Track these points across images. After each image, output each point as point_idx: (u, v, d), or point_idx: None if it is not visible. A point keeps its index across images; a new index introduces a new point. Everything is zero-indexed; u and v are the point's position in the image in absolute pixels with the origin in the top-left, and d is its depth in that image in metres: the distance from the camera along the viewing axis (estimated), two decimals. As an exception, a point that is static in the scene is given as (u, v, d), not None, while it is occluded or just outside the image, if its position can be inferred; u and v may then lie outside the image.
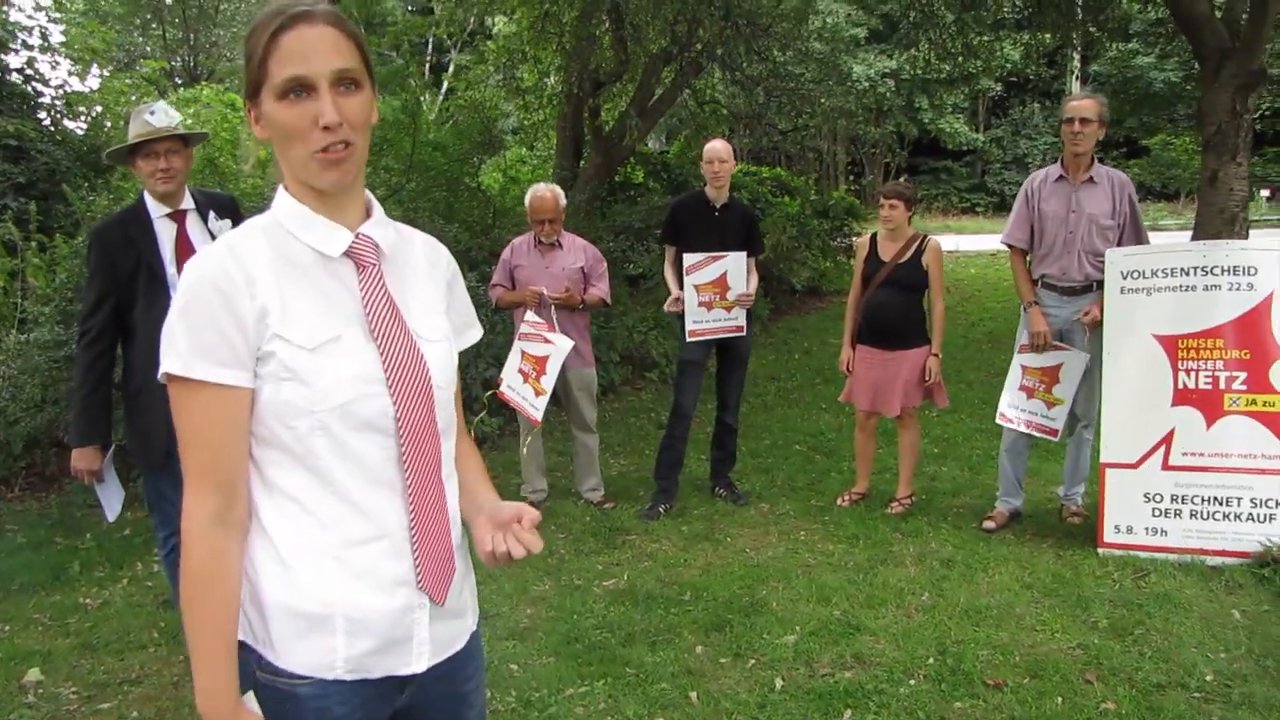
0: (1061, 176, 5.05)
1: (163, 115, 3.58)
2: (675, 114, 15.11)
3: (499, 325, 7.81)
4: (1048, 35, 14.34)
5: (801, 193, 14.96)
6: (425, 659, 1.55)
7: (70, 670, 3.95)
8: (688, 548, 5.11)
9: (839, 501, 5.72)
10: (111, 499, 3.83)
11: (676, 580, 4.64)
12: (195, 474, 1.43)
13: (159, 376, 1.43)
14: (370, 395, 1.46)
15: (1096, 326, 4.93)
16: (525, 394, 5.44)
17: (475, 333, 1.79)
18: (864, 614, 4.14)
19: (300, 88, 1.41)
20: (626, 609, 4.31)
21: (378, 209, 1.59)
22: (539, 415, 5.43)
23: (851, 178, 33.23)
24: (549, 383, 5.34)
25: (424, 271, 1.65)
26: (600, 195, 11.75)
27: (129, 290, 3.56)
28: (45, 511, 6.00)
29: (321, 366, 1.43)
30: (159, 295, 3.54)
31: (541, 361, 5.36)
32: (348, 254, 1.51)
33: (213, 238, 3.72)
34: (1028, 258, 5.23)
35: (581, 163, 12.27)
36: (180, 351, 1.39)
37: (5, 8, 11.16)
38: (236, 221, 3.85)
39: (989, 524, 5.18)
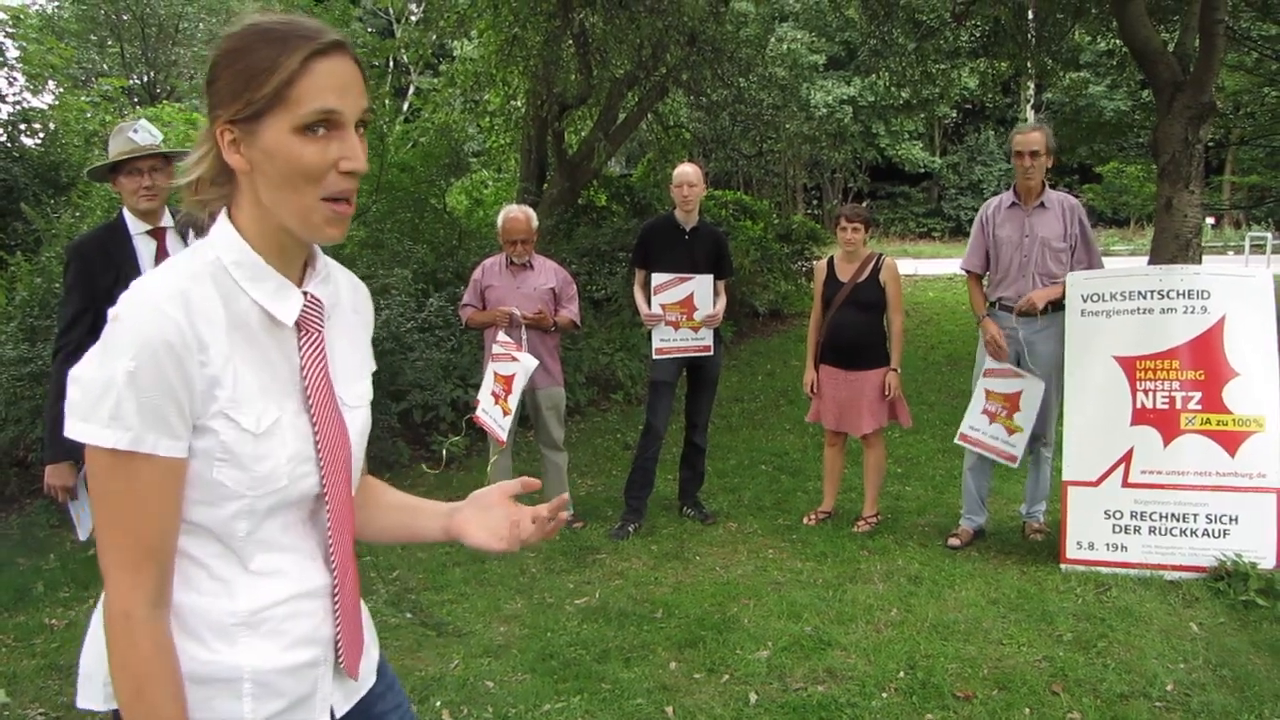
0: (1015, 203, 5.20)
1: (146, 133, 3.61)
2: (638, 137, 15.26)
3: (464, 346, 7.84)
4: (1003, 64, 14.68)
5: (763, 216, 15.15)
6: (328, 709, 1.46)
7: (37, 692, 3.90)
8: (658, 566, 5.15)
9: (806, 520, 5.79)
10: (84, 517, 3.79)
11: (648, 598, 4.68)
12: (134, 555, 1.26)
13: (78, 439, 1.26)
14: (302, 475, 1.37)
15: (1032, 310, 5.06)
16: (495, 415, 5.46)
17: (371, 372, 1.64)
18: (834, 630, 4.20)
19: (328, 124, 1.28)
20: (600, 626, 4.34)
21: (319, 255, 1.45)
22: (504, 435, 5.45)
23: (815, 202, 33.62)
24: (514, 401, 5.37)
25: (351, 323, 1.53)
26: (565, 218, 11.82)
27: (107, 306, 3.55)
28: (6, 532, 5.92)
29: (263, 452, 1.31)
30: None
31: (509, 380, 5.39)
32: (296, 321, 1.37)
33: None
34: (985, 282, 5.38)
35: (546, 185, 12.35)
36: (130, 424, 1.22)
37: None
38: None
39: (954, 541, 5.28)
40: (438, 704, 3.64)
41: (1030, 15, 13.45)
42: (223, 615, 1.34)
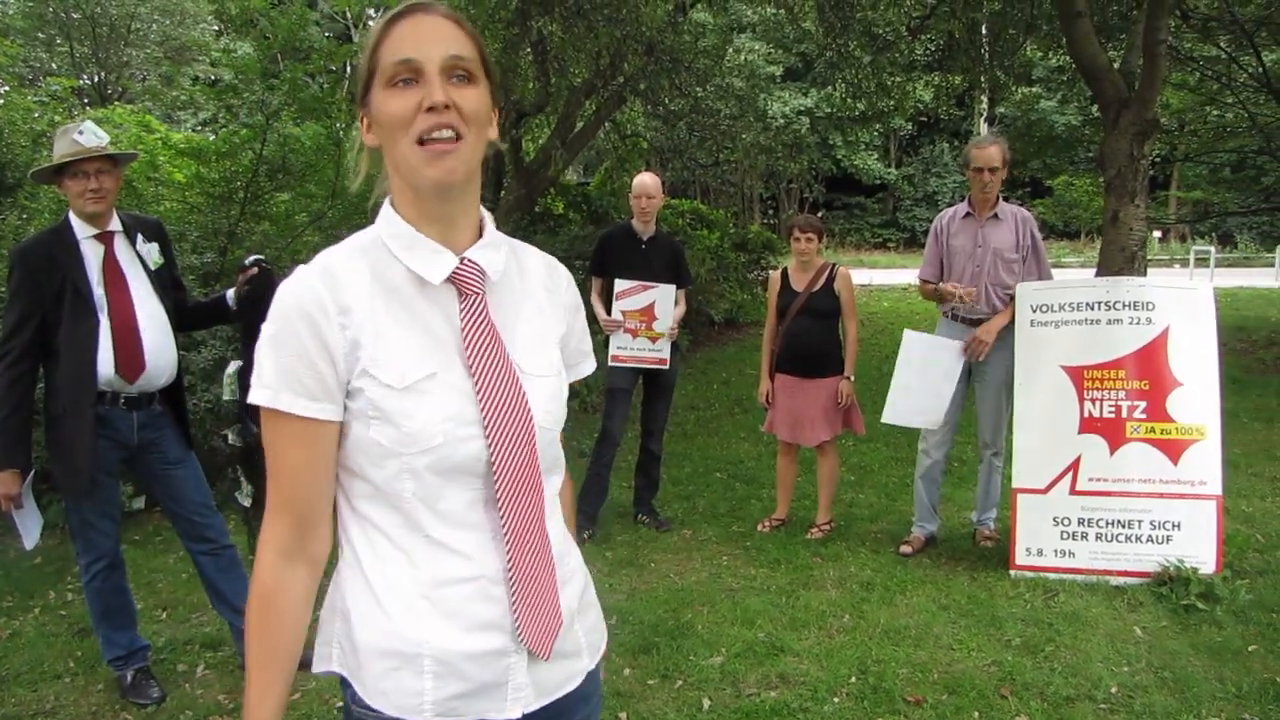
0: (969, 214, 5.29)
1: (91, 135, 3.56)
2: (596, 146, 15.29)
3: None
4: (957, 78, 14.90)
5: (720, 226, 15.22)
6: (521, 705, 1.43)
7: (-19, 701, 3.84)
8: (613, 573, 5.17)
9: (760, 527, 5.84)
10: (30, 526, 3.73)
11: (602, 605, 4.66)
12: (274, 502, 1.39)
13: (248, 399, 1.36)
14: (463, 439, 1.36)
15: (980, 350, 5.15)
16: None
17: (589, 365, 1.70)
18: (787, 635, 4.24)
19: (410, 75, 1.34)
20: (555, 633, 4.33)
21: (490, 228, 1.49)
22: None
23: (771, 211, 33.84)
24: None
25: (540, 298, 1.55)
26: (521, 226, 11.81)
27: (54, 312, 3.51)
28: (-51, 540, 5.80)
29: (412, 408, 1.34)
30: (85, 317, 3.51)
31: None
32: (450, 280, 1.40)
33: (141, 260, 3.69)
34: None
35: (503, 193, 12.34)
36: (268, 382, 1.33)
37: None
38: (164, 245, 3.83)
39: (906, 549, 5.34)
40: (391, 711, 3.62)
41: (984, 30, 13.69)
42: (405, 584, 1.38)
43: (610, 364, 5.71)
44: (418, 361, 1.36)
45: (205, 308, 4.03)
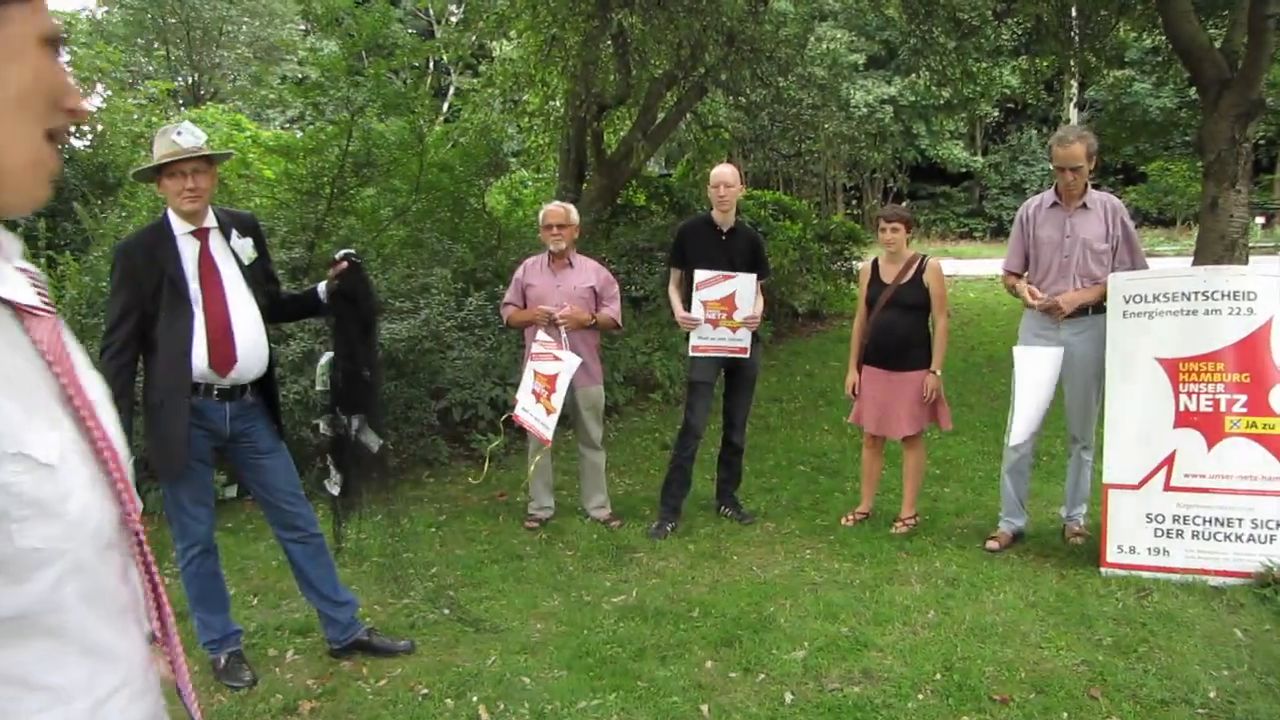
0: (1056, 203, 5.14)
1: (189, 136, 3.65)
2: (677, 137, 15.26)
3: (503, 344, 7.88)
4: (1045, 62, 14.53)
5: (803, 217, 15.09)
6: None
7: None
8: (695, 565, 5.16)
9: (843, 521, 5.77)
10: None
11: (685, 597, 4.69)
12: None
13: None
14: (103, 499, 1.10)
15: (1059, 312, 5.01)
16: (538, 414, 5.50)
17: None
18: (871, 631, 4.19)
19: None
20: (636, 624, 4.36)
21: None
22: (549, 434, 5.49)
23: (853, 202, 33.45)
24: (559, 400, 5.41)
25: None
26: (603, 218, 11.84)
27: (152, 306, 3.62)
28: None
29: (66, 484, 1.03)
30: (182, 311, 3.61)
31: (552, 380, 5.43)
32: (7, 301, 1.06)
33: (235, 255, 3.79)
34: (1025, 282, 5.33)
35: (584, 185, 12.38)
36: None
37: None
38: (259, 240, 3.93)
39: (992, 544, 5.23)
40: (474, 700, 3.67)
41: (1074, 12, 13.31)
42: None
43: (691, 355, 5.70)
44: (41, 421, 1.03)
45: (298, 301, 4.11)
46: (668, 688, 3.72)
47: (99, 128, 12.44)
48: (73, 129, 11.78)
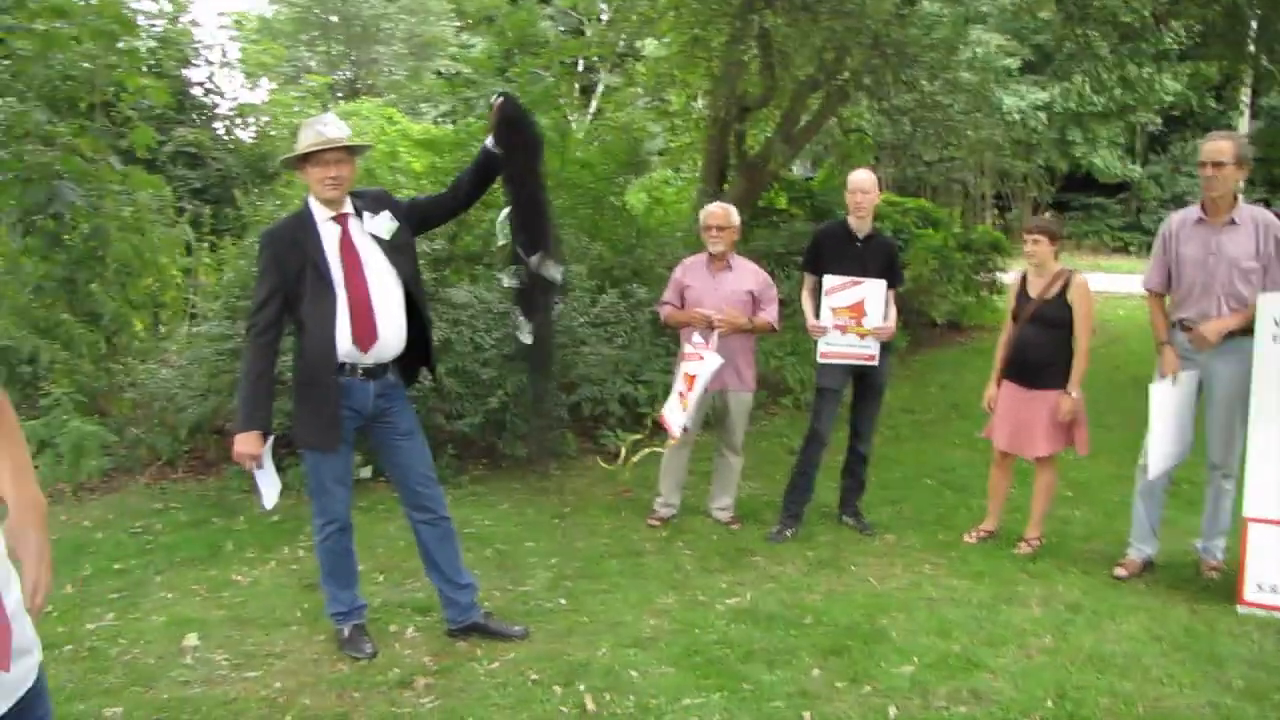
0: (1201, 219, 4.91)
1: (334, 127, 3.87)
2: (820, 141, 15.10)
3: (635, 342, 7.99)
4: (1213, 68, 13.83)
5: (945, 225, 14.76)
6: None
7: (223, 639, 4.24)
8: (811, 572, 5.15)
9: (966, 538, 5.67)
10: (268, 487, 4.01)
11: (798, 603, 4.69)
12: None
13: None
14: None
15: (1203, 346, 4.81)
16: (674, 410, 5.58)
17: None
18: (984, 651, 4.12)
19: None
20: (747, 627, 4.39)
21: None
22: (678, 429, 5.55)
23: (996, 211, 32.46)
24: (694, 399, 5.46)
25: None
26: (743, 220, 11.82)
27: (296, 288, 3.84)
28: (205, 493, 6.42)
29: None
30: (325, 293, 3.82)
31: (693, 379, 5.50)
32: None
33: (373, 237, 3.95)
34: (1167, 300, 5.12)
35: (725, 186, 12.40)
36: None
37: (192, 27, 11.99)
38: (393, 207, 4.06)
39: (1120, 571, 5.07)
40: (581, 688, 3.77)
41: (1250, 14, 12.59)
42: None
43: (819, 361, 5.68)
44: None
45: (474, 170, 4.16)
46: (772, 692, 3.75)
47: (263, 120, 13.14)
48: (238, 120, 12.48)
